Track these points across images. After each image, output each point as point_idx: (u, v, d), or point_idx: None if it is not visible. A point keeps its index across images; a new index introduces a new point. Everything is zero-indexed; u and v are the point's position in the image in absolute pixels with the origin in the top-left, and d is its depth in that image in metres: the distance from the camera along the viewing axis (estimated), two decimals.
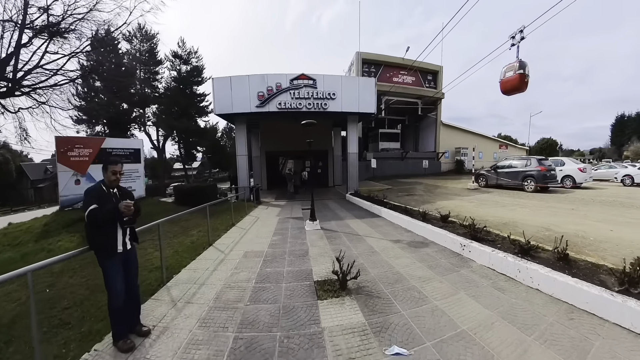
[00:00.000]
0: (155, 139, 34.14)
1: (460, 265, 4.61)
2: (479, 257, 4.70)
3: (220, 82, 13.19)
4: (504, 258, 4.17)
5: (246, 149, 14.40)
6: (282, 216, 9.70)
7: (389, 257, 5.01)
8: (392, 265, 4.58)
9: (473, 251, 4.84)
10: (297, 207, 11.81)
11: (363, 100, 14.16)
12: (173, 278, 4.45)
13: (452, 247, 5.38)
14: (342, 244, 5.88)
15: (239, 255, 5.37)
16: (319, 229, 7.35)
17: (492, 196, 12.20)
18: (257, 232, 7.36)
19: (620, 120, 67.19)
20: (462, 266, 4.55)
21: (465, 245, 5.01)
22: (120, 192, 2.98)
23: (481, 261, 4.63)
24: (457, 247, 5.23)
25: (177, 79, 33.47)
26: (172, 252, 5.91)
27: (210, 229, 7.50)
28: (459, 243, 5.17)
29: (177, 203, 14.17)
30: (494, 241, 5.03)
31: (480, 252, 4.66)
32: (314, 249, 5.67)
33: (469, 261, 4.76)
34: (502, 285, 3.78)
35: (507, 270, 4.09)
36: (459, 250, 5.17)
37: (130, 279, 2.99)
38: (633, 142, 53.08)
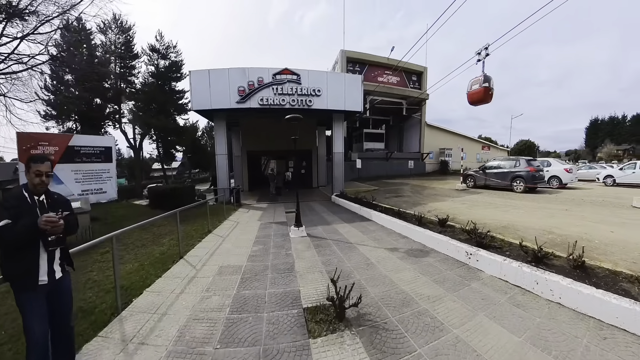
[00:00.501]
0: (132, 137, 32.37)
1: (468, 277, 4.08)
2: (488, 267, 4.21)
3: (197, 76, 12.23)
4: (519, 268, 3.73)
5: (226, 148, 13.49)
6: (265, 221, 8.87)
7: (388, 270, 4.36)
8: (394, 282, 3.93)
9: (481, 260, 4.33)
10: (280, 209, 11.03)
11: (349, 97, 13.55)
12: (132, 303, 3.63)
13: (455, 256, 4.84)
14: (332, 255, 5.23)
15: (212, 272, 4.55)
16: (305, 236, 6.61)
17: (482, 197, 11.91)
18: (235, 241, 6.51)
19: (594, 124, 70.65)
20: (472, 278, 4.02)
21: (472, 254, 4.49)
22: (50, 201, 2.20)
23: (491, 271, 4.13)
24: (462, 255, 4.69)
25: (155, 74, 31.85)
26: (137, 265, 5.08)
27: (182, 237, 6.67)
28: (465, 251, 4.64)
29: (152, 206, 13.03)
30: (500, 248, 4.61)
31: (490, 262, 4.17)
32: (300, 262, 4.92)
33: (477, 272, 4.24)
34: (520, 300, 3.34)
35: (523, 282, 3.67)
36: (465, 259, 4.64)
37: (60, 318, 2.20)
38: (606, 144, 55.67)
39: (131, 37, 29.71)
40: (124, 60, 29.56)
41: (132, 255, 5.85)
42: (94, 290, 4.10)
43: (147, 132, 33.42)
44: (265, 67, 12.18)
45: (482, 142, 39.39)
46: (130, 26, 29.35)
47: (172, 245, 6.28)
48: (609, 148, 54.93)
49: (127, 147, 34.54)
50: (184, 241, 6.49)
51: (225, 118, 13.33)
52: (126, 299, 3.72)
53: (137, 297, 3.79)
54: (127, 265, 5.12)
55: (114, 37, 28.54)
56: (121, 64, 29.47)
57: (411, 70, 28.63)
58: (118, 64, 29.18)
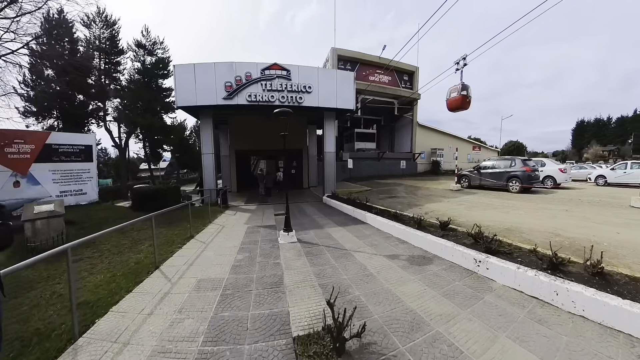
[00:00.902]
0: (117, 136, 31.25)
1: (479, 288, 3.67)
2: (500, 275, 3.81)
3: (182, 70, 11.56)
4: (536, 277, 3.37)
5: (213, 147, 12.82)
6: (252, 224, 8.27)
7: (391, 283, 3.85)
8: (399, 298, 3.42)
9: (492, 268, 3.93)
10: (269, 212, 10.46)
11: (341, 95, 13.08)
12: (93, 326, 3.05)
13: (462, 263, 4.42)
14: (326, 264, 4.68)
15: (189, 286, 3.97)
16: (295, 242, 6.05)
17: (478, 198, 11.61)
18: (218, 248, 5.89)
19: (580, 125, 72.50)
20: (483, 290, 3.61)
21: (481, 261, 4.07)
22: None
23: (504, 281, 3.75)
24: (470, 263, 4.27)
25: (141, 71, 30.83)
26: (109, 276, 4.49)
27: (162, 243, 6.16)
28: (473, 258, 4.22)
29: (135, 208, 12.27)
30: (510, 253, 4.20)
31: (502, 270, 3.78)
32: (290, 273, 4.34)
33: (488, 281, 3.83)
34: (541, 314, 2.98)
35: (540, 292, 3.32)
36: (473, 266, 4.22)
37: None
38: (592, 145, 56.89)
39: (116, 32, 28.70)
40: (108, 56, 28.57)
41: (105, 263, 5.25)
42: (56, 307, 3.54)
43: (132, 131, 32.37)
44: (254, 61, 11.59)
45: (473, 143, 39.50)
46: (115, 20, 28.38)
47: (150, 252, 5.66)
48: (595, 149, 56.12)
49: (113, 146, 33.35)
50: (163, 248, 5.93)
51: (211, 115, 12.66)
52: (90, 318, 3.19)
53: (101, 318, 3.22)
54: (97, 277, 4.54)
55: (99, 32, 27.54)
56: (106, 59, 28.47)
57: (403, 69, 28.40)
58: (103, 60, 28.18)
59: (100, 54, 27.84)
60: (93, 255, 5.80)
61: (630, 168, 15.30)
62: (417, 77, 29.73)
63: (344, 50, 24.69)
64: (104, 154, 56.36)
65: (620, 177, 15.50)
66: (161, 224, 8.49)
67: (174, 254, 5.56)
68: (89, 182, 14.51)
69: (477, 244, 4.66)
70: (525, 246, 4.59)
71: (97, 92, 26.90)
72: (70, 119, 25.21)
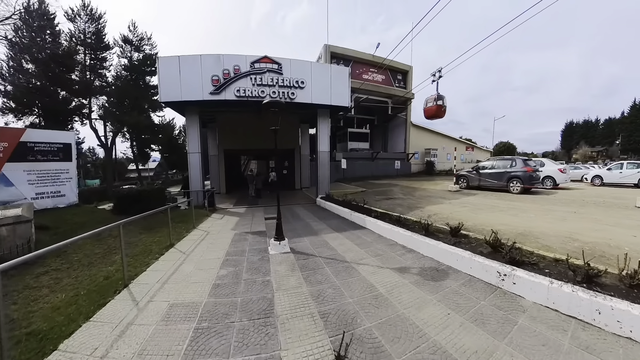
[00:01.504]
0: (103, 134, 30.02)
1: (509, 308, 3.11)
2: (530, 292, 3.27)
3: (166, 63, 10.73)
4: (574, 294, 2.89)
5: (199, 146, 12.00)
6: (240, 230, 7.48)
7: (406, 306, 3.18)
8: (421, 329, 2.76)
9: (519, 283, 3.38)
10: (259, 215, 9.73)
11: (336, 91, 12.43)
12: None
13: (482, 276, 3.83)
14: (325, 281, 3.96)
15: (158, 314, 3.20)
16: (288, 252, 5.31)
17: (480, 199, 11.12)
18: (200, 260, 5.10)
19: (569, 127, 73.60)
20: (514, 310, 3.07)
21: (507, 275, 3.52)
22: None
23: (534, 297, 3.22)
24: (493, 276, 3.69)
25: (128, 67, 29.70)
26: (71, 296, 3.76)
27: (135, 255, 5.42)
28: (496, 271, 3.64)
29: (116, 211, 11.33)
30: (535, 264, 3.69)
31: (532, 285, 3.24)
32: (283, 296, 3.57)
33: (516, 299, 3.29)
34: (586, 340, 2.51)
35: (580, 311, 2.84)
36: (496, 281, 3.65)
37: None
38: (581, 146, 57.68)
39: (102, 27, 27.55)
40: (94, 51, 27.39)
41: (72, 278, 4.51)
42: None
43: (119, 130, 31.19)
44: (242, 54, 10.85)
45: (467, 143, 39.33)
46: (100, 14, 27.20)
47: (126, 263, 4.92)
48: (584, 150, 56.88)
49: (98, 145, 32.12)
50: (138, 258, 5.20)
51: (198, 112, 11.84)
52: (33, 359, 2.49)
53: None
54: (58, 295, 3.82)
55: (84, 26, 26.36)
56: (91, 55, 27.31)
57: (396, 68, 27.97)
58: (88, 55, 27.03)
59: (86, 49, 26.75)
60: (61, 267, 5.07)
61: (626, 168, 15.34)
62: (410, 77, 29.33)
63: (337, 47, 24.08)
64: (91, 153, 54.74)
65: (617, 176, 15.52)
66: (141, 229, 7.75)
67: (149, 266, 4.78)
68: (68, 183, 13.55)
69: (497, 253, 4.10)
70: (548, 254, 4.11)
71: (81, 88, 25.68)
72: (52, 116, 24.01)
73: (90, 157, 54.59)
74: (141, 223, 8.03)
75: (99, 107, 29.43)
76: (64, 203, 13.10)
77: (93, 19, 26.83)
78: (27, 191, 11.89)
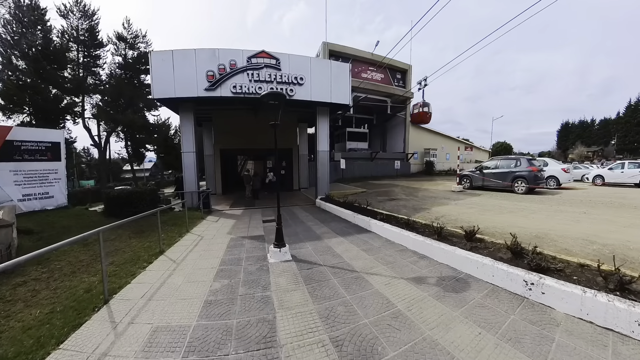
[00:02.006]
0: (96, 134, 29.34)
1: (542, 321, 2.76)
2: (560, 302, 2.95)
3: (159, 58, 10.26)
4: (610, 304, 2.60)
5: (194, 145, 11.49)
6: (236, 234, 6.95)
7: (431, 326, 2.74)
8: (453, 355, 2.33)
9: (548, 293, 3.05)
10: (256, 217, 9.27)
11: (336, 88, 12.02)
12: None
13: (506, 285, 3.48)
14: (334, 297, 3.44)
15: (138, 342, 2.68)
16: (289, 261, 4.79)
17: (486, 199, 10.76)
18: (191, 270, 4.54)
19: (565, 127, 73.79)
20: (548, 324, 2.72)
21: (534, 284, 3.18)
22: None
23: (565, 309, 2.90)
24: (518, 285, 3.35)
25: (123, 65, 29.06)
26: (46, 313, 3.31)
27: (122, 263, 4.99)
28: (522, 279, 3.29)
29: (107, 213, 10.80)
30: (561, 270, 3.35)
31: (564, 295, 2.92)
32: (286, 317, 3.03)
33: (547, 310, 2.96)
34: (628, 354, 2.26)
35: (617, 323, 2.56)
36: (522, 290, 3.30)
37: None
38: (577, 146, 57.79)
39: (96, 24, 26.95)
40: (87, 49, 26.76)
41: (50, 290, 4.05)
42: None
43: (113, 129, 30.50)
44: (239, 48, 10.38)
45: (465, 143, 39.05)
46: (94, 11, 26.55)
47: (109, 272, 4.43)
48: (580, 150, 56.94)
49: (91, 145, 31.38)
50: (124, 267, 4.74)
51: (192, 109, 11.34)
52: None
53: None
54: (33, 311, 3.38)
55: (76, 22, 25.74)
56: (85, 52, 26.68)
57: (395, 67, 27.62)
58: (82, 52, 26.41)
59: (79, 46, 26.15)
60: (41, 276, 4.62)
61: (627, 168, 15.23)
62: (409, 76, 29.03)
63: (336, 45, 23.67)
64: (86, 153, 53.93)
65: (618, 176, 15.42)
66: (131, 233, 7.27)
67: (135, 277, 4.32)
68: (57, 184, 12.99)
69: (518, 259, 3.75)
70: (572, 259, 3.79)
71: (74, 86, 24.99)
72: (43, 115, 23.35)
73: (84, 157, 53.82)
74: (132, 226, 7.55)
75: (92, 105, 28.83)
76: (52, 205, 12.55)
77: (86, 15, 26.23)
78: (14, 192, 11.35)
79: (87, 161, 52.63)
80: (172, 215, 9.73)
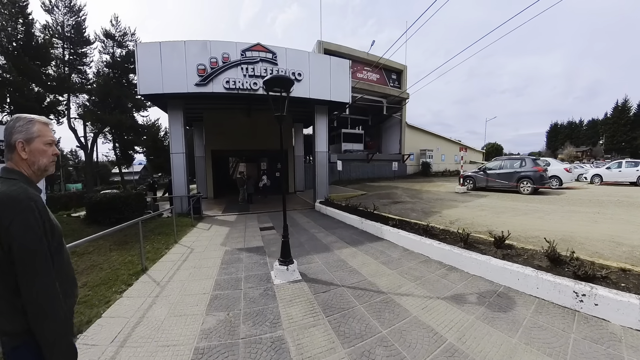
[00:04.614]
0: (82, 135, 28.08)
1: (602, 339, 2.38)
2: (616, 314, 2.60)
3: (146, 50, 9.48)
4: None
5: (184, 146, 10.65)
6: (231, 245, 6.09)
7: None
8: None
9: (602, 304, 2.70)
10: (252, 223, 8.50)
11: (336, 86, 11.37)
12: None
13: (553, 298, 3.05)
14: (367, 333, 2.61)
15: None
16: (299, 281, 3.92)
17: (494, 201, 10.30)
18: (178, 298, 3.57)
19: (554, 128, 74.90)
20: (609, 340, 2.35)
21: (585, 295, 2.80)
22: None
23: (622, 321, 2.57)
24: (567, 297, 2.94)
25: (110, 64, 27.97)
26: None
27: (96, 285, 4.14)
28: (572, 291, 2.90)
29: (89, 220, 9.83)
30: (606, 277, 2.99)
31: (619, 306, 2.59)
32: None
33: (602, 324, 2.60)
34: None
35: None
36: (571, 302, 2.90)
37: None
38: (566, 146, 58.51)
39: (82, 20, 26.00)
40: (74, 46, 25.64)
41: None
42: None
43: (100, 130, 29.25)
44: (232, 41, 9.65)
45: (460, 144, 38.82)
46: (80, 7, 25.54)
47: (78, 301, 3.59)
48: (569, 150, 57.54)
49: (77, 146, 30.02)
50: (99, 291, 3.91)
51: (182, 106, 10.50)
52: None
53: None
54: None
55: (62, 18, 24.68)
56: (70, 49, 25.58)
57: (391, 68, 27.24)
58: (67, 50, 25.32)
59: (64, 42, 25.05)
60: None
61: (625, 167, 15.41)
62: (405, 76, 28.68)
63: (331, 44, 23.05)
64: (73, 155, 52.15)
65: (616, 175, 15.59)
66: (113, 244, 6.42)
67: (109, 306, 3.39)
68: None
69: (558, 267, 3.35)
70: (610, 263, 3.47)
71: (58, 84, 23.74)
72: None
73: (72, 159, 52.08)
74: (114, 235, 6.67)
75: (78, 105, 27.62)
76: None
77: (72, 11, 25.22)
78: None
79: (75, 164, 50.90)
80: (161, 222, 8.90)
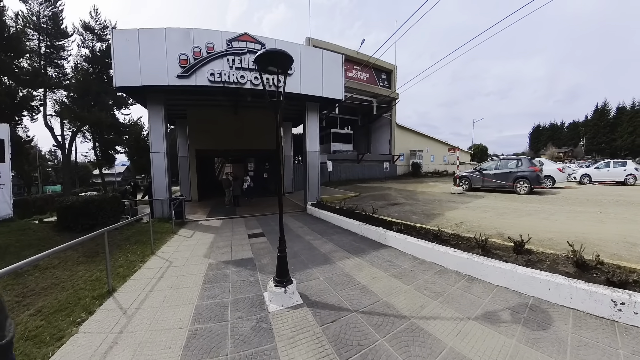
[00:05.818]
0: (60, 134, 26.46)
1: None
2: None
3: (122, 37, 8.58)
4: None
5: (165, 144, 9.80)
6: (216, 257, 5.26)
7: None
8: None
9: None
10: (239, 230, 7.75)
11: (328, 81, 10.80)
12: None
13: (588, 308, 2.75)
14: None
15: None
16: (300, 306, 3.16)
17: (493, 201, 10.02)
18: (146, 335, 2.75)
19: (536, 129, 77.14)
20: None
21: (624, 303, 2.56)
22: None
23: None
24: (605, 307, 2.68)
25: (90, 58, 26.50)
26: None
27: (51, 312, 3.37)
28: (609, 300, 2.64)
29: (60, 226, 8.85)
30: (636, 282, 2.77)
31: None
32: None
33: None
34: None
35: None
36: (609, 312, 2.65)
37: None
38: (548, 147, 60.00)
39: (60, 10, 24.57)
40: (50, 38, 24.14)
41: None
42: None
43: (79, 128, 27.64)
44: (217, 29, 8.90)
45: (449, 145, 38.90)
46: None
47: (27, 334, 2.83)
48: (551, 151, 58.94)
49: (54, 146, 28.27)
50: (53, 319, 3.14)
51: (163, 101, 9.65)
52: None
53: None
54: None
55: (37, 8, 23.24)
56: (47, 42, 24.10)
57: (381, 67, 26.97)
58: (43, 42, 23.91)
59: (40, 34, 23.55)
60: None
61: (612, 167, 15.83)
62: (395, 76, 28.48)
63: (321, 41, 22.45)
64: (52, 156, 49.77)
65: (604, 174, 15.93)
66: (82, 255, 5.57)
67: (62, 345, 2.62)
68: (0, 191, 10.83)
69: (587, 274, 3.08)
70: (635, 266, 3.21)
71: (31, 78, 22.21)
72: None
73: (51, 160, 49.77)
74: (87, 245, 5.80)
75: (55, 102, 26.01)
76: None
77: (49, 1, 23.68)
78: None
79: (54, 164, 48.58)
80: (139, 228, 8.07)
